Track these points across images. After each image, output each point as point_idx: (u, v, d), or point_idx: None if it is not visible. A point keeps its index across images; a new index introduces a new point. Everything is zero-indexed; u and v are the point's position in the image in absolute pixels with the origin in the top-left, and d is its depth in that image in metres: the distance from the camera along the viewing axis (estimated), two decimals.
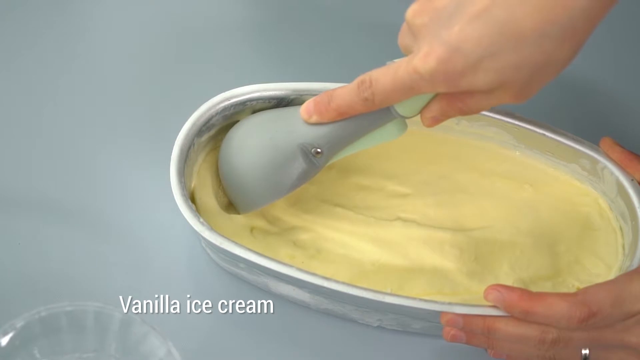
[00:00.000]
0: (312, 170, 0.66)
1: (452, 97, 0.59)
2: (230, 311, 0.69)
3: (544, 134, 0.70)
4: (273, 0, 0.84)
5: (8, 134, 0.76)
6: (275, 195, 0.67)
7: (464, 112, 0.60)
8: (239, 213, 0.69)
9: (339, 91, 0.63)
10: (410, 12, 0.58)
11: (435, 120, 0.62)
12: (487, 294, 0.62)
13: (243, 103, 0.69)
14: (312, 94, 0.68)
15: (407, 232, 0.69)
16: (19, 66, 0.79)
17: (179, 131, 0.67)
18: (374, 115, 0.63)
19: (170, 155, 0.66)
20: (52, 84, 0.78)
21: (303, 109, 0.64)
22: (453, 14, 0.55)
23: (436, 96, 0.60)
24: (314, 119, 0.64)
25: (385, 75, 0.59)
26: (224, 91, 0.69)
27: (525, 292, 0.61)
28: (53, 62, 0.79)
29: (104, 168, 0.74)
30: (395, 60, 0.60)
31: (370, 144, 0.65)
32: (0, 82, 0.78)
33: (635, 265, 0.66)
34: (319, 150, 0.65)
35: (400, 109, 0.62)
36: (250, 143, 0.66)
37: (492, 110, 0.70)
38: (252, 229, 0.69)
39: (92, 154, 0.75)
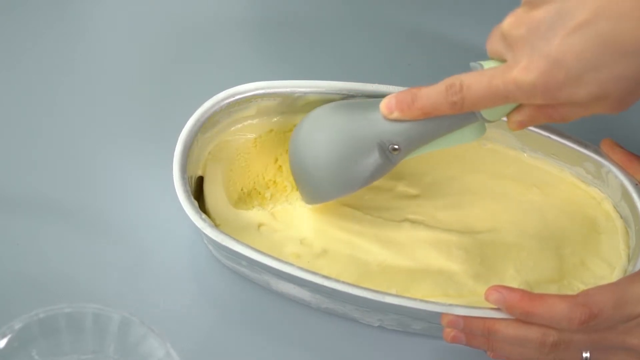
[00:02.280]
0: (387, 167, 0.66)
1: (546, 105, 0.59)
2: (231, 310, 0.69)
3: (549, 137, 0.70)
4: (273, 0, 0.84)
5: (8, 134, 0.76)
6: (347, 189, 0.67)
7: (554, 120, 0.60)
8: (246, 209, 0.70)
9: (425, 91, 0.62)
10: (507, 23, 0.58)
11: (522, 125, 0.62)
12: (488, 294, 0.62)
13: (248, 100, 0.69)
14: (316, 92, 0.69)
15: (414, 233, 0.69)
16: (19, 66, 0.79)
17: (180, 130, 0.67)
18: (456, 117, 0.63)
19: (171, 154, 0.66)
20: (52, 84, 0.78)
21: (384, 105, 0.64)
22: (552, 26, 0.56)
23: None
24: (395, 115, 0.63)
25: (479, 83, 0.59)
26: (224, 90, 0.69)
27: (526, 293, 0.61)
28: (53, 62, 0.79)
29: (104, 168, 0.74)
30: (482, 64, 0.60)
31: (446, 145, 0.65)
32: (0, 82, 0.78)
33: (638, 267, 0.66)
34: (396, 146, 0.64)
35: (486, 113, 0.62)
36: (325, 135, 0.66)
37: None
38: (259, 226, 0.69)
39: (92, 154, 0.75)
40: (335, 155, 0.65)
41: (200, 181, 0.70)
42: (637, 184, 0.68)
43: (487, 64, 0.61)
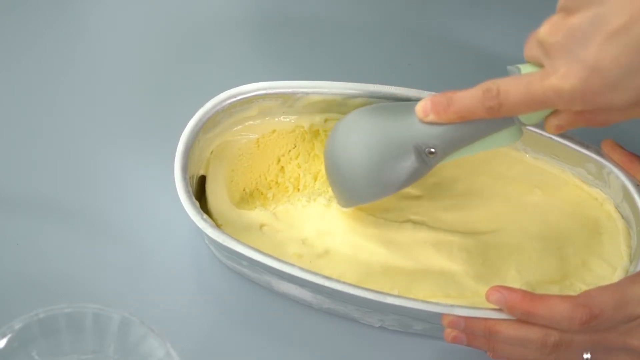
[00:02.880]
0: (423, 170, 0.65)
1: (585, 110, 0.59)
2: (232, 310, 0.69)
3: (551, 138, 0.70)
4: (273, 0, 0.84)
5: (8, 134, 0.76)
6: (383, 192, 0.66)
7: (593, 125, 0.60)
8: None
9: (461, 95, 0.62)
10: (543, 30, 0.58)
11: (561, 129, 0.61)
12: (489, 295, 0.62)
13: (249, 100, 0.69)
14: (318, 92, 0.69)
15: (417, 234, 0.69)
16: (19, 66, 0.79)
17: (180, 130, 0.67)
18: (493, 120, 0.62)
19: (172, 154, 0.66)
20: (52, 84, 0.78)
21: (419, 108, 0.63)
22: (589, 33, 0.56)
23: None
24: (431, 118, 0.63)
25: (516, 88, 0.59)
26: (224, 91, 0.69)
27: (527, 294, 0.61)
28: (53, 62, 0.79)
29: (104, 168, 0.74)
30: (520, 67, 0.60)
31: (482, 148, 0.65)
32: (0, 82, 0.78)
33: (639, 268, 0.66)
34: (432, 150, 0.64)
35: (523, 117, 0.62)
36: (361, 138, 0.65)
37: None
38: (261, 226, 0.69)
39: (92, 154, 0.75)
40: (372, 158, 0.65)
41: (202, 181, 0.70)
42: (638, 185, 0.68)
43: (525, 69, 0.60)
